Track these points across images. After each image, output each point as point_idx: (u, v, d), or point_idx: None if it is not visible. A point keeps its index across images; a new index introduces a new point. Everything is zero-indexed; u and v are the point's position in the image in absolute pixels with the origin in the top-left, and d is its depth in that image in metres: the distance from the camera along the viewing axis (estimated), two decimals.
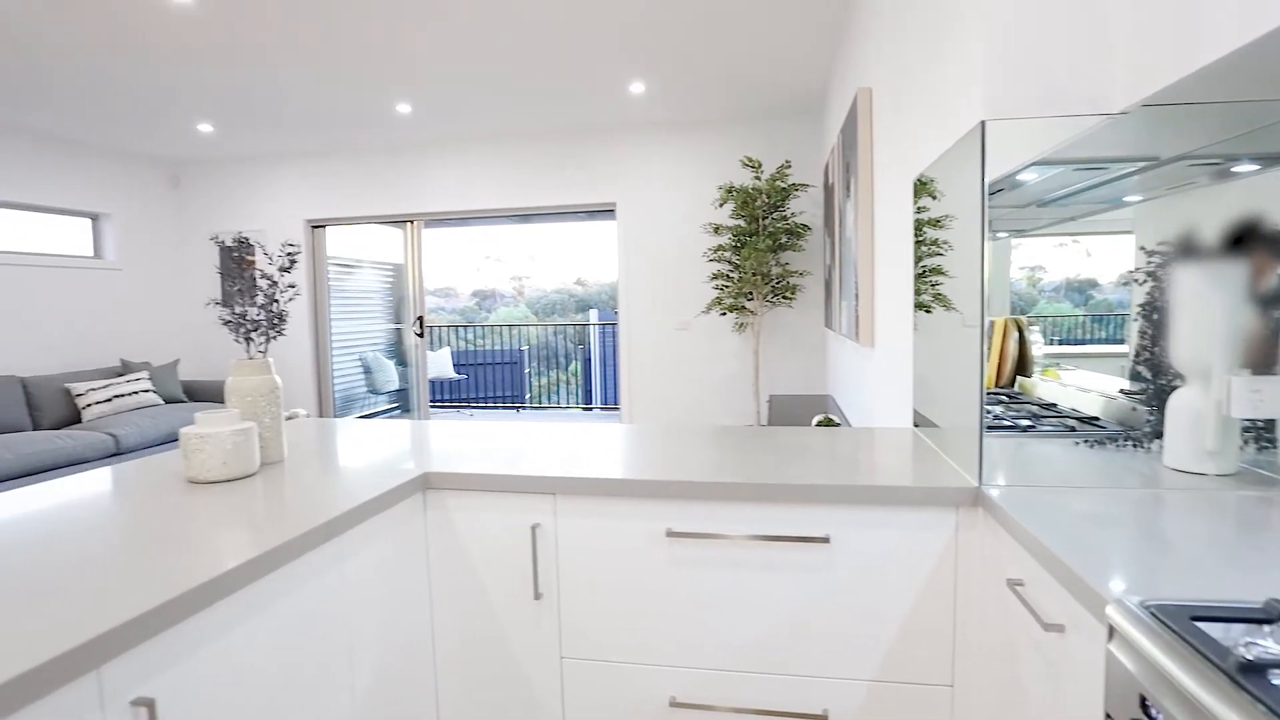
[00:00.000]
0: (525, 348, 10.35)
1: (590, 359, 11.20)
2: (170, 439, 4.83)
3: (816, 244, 4.89)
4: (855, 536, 1.31)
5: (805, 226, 4.57)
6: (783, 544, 1.33)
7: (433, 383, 8.42)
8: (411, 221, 5.44)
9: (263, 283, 1.71)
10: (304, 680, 1.09)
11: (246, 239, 1.79)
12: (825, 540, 1.31)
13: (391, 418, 6.94)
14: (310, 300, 5.73)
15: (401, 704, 1.37)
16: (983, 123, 1.22)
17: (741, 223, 4.64)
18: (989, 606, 1.19)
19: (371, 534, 1.29)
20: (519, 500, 1.44)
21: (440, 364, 8.26)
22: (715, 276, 4.68)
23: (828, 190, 3.90)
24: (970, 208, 1.29)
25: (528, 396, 9.78)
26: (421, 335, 5.41)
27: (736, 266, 4.64)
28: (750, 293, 4.60)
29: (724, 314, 4.75)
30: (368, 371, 6.29)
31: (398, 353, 6.74)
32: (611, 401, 9.44)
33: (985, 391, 1.27)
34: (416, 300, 5.31)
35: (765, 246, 4.38)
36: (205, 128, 4.96)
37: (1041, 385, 1.57)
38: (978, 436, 1.27)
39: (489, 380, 9.53)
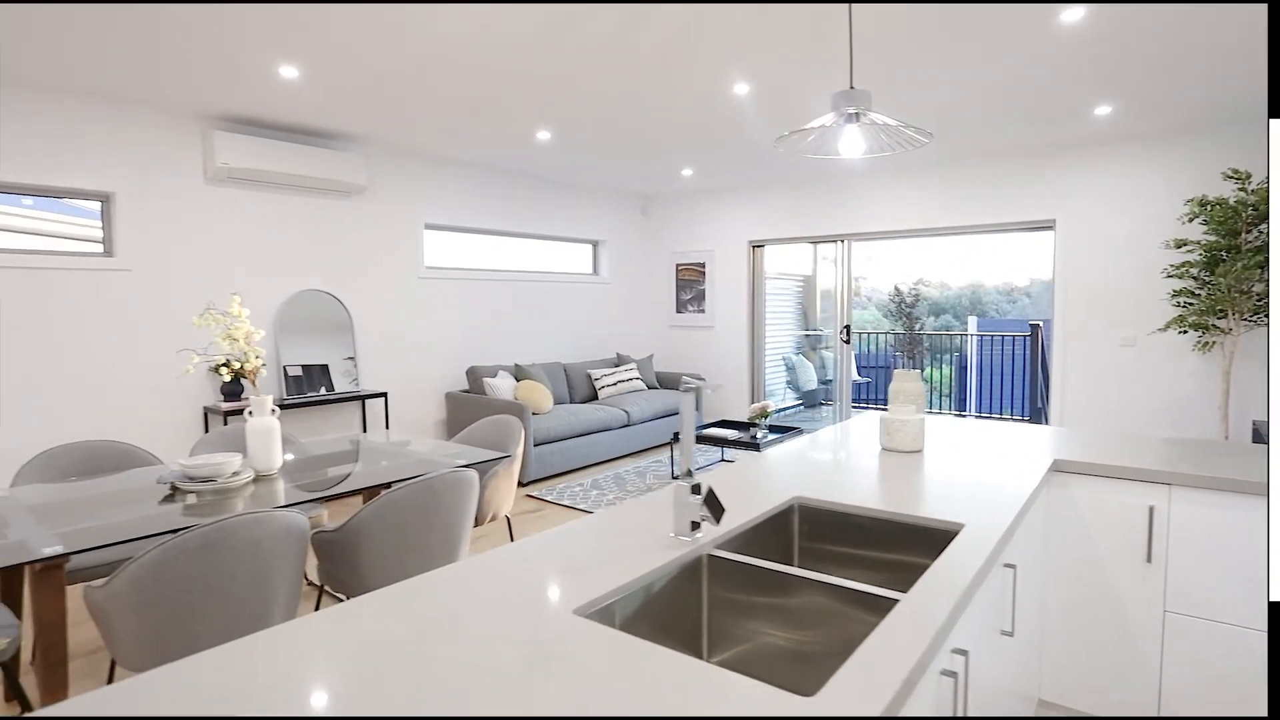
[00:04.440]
0: (900, 353, 10.52)
1: (966, 366, 10.96)
2: (656, 417, 6.23)
3: None
4: None
5: None
6: None
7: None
8: (843, 240, 6.16)
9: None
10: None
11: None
12: None
13: (799, 412, 7.83)
14: (749, 308, 6.82)
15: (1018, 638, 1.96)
16: None
17: (1216, 237, 4.43)
18: None
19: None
20: (1136, 486, 1.94)
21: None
22: (1178, 293, 4.54)
23: None
24: None
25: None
26: (848, 342, 6.12)
27: (1205, 284, 4.45)
28: (1224, 310, 4.38)
29: (1183, 332, 4.58)
30: (790, 370, 7.24)
31: (805, 355, 7.60)
32: (986, 410, 9.23)
33: None
34: (844, 310, 6.04)
35: (1253, 263, 4.15)
36: (687, 171, 6.25)
37: None
38: None
39: (865, 383, 9.96)
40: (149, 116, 4.11)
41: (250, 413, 2.73)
